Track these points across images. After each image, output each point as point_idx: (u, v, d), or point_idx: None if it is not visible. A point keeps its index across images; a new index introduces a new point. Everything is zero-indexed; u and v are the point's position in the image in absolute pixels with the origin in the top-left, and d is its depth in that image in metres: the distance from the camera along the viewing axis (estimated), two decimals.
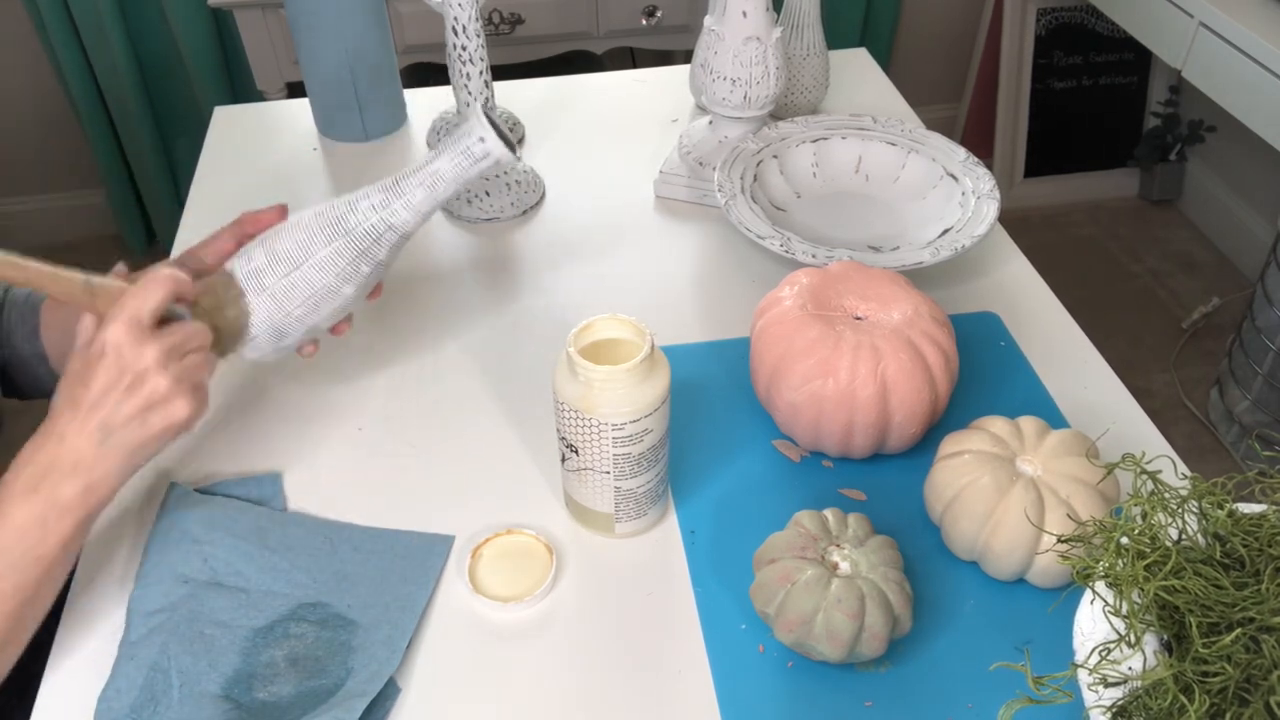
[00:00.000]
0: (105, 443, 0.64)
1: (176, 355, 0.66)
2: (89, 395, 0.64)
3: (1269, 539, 0.53)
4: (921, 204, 1.02)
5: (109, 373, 0.64)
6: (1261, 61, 1.56)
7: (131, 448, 0.65)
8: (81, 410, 0.64)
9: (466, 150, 0.72)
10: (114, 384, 0.64)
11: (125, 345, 0.64)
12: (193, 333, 0.68)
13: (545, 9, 1.86)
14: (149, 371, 0.65)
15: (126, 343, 0.64)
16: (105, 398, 0.64)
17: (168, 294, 0.67)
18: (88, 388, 0.64)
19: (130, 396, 0.64)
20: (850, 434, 0.76)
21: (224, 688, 0.66)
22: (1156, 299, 2.30)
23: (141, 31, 2.09)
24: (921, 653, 0.67)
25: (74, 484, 0.64)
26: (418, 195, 0.73)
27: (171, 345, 0.66)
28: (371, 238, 0.73)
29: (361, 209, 0.73)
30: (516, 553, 0.73)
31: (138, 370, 0.64)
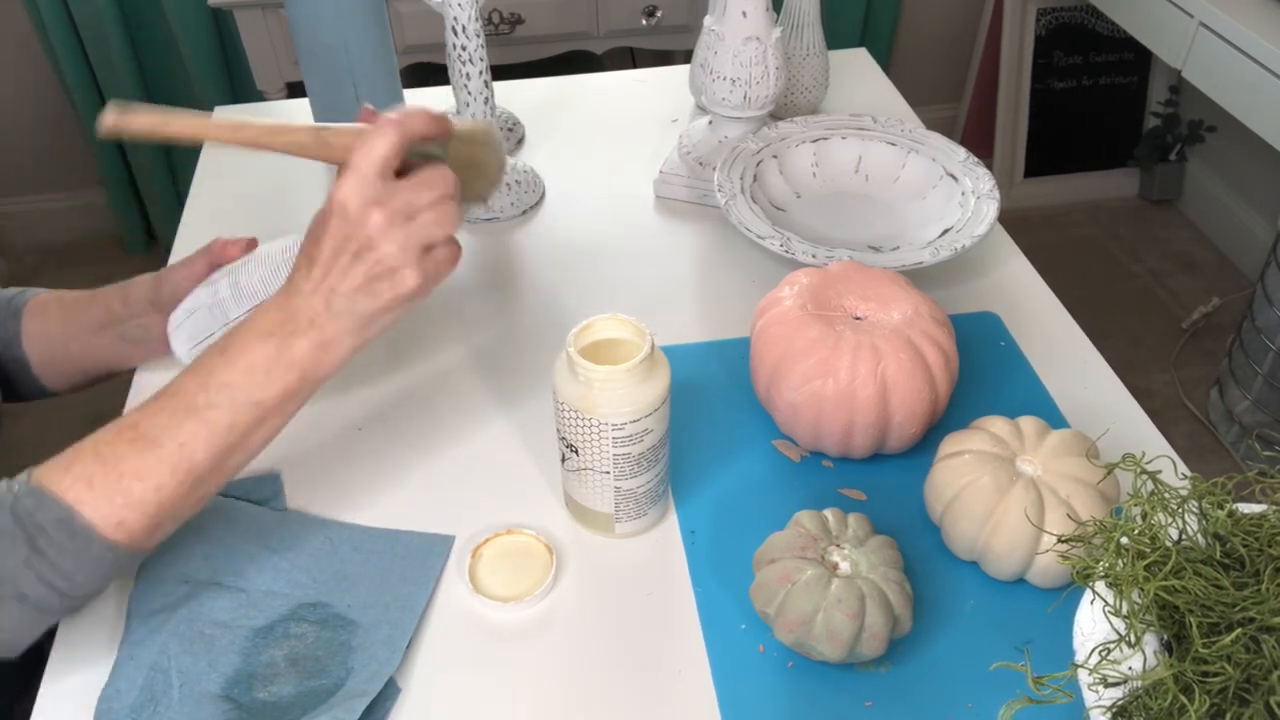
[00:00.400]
0: (334, 306, 0.62)
1: (405, 215, 0.62)
2: (320, 255, 0.62)
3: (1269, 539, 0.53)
4: (921, 204, 1.02)
5: (336, 234, 0.62)
6: (1261, 61, 1.56)
7: (361, 317, 0.63)
8: (314, 269, 0.62)
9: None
10: (341, 248, 0.62)
11: (351, 205, 0.61)
12: (430, 182, 0.63)
13: (545, 9, 1.86)
14: (374, 238, 0.61)
15: (353, 202, 0.61)
16: (335, 261, 0.62)
17: (396, 143, 0.61)
18: (319, 246, 0.62)
19: (356, 264, 0.62)
20: (850, 434, 0.76)
21: (224, 688, 0.66)
22: (1156, 299, 2.30)
23: (141, 31, 2.09)
24: (921, 653, 0.67)
25: (307, 339, 0.63)
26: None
27: (401, 204, 0.61)
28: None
29: None
30: (516, 553, 0.73)
31: (363, 236, 0.61)
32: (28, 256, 2.43)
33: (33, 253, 2.44)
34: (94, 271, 2.36)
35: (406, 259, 0.62)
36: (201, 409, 0.62)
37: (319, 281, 0.62)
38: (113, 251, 2.42)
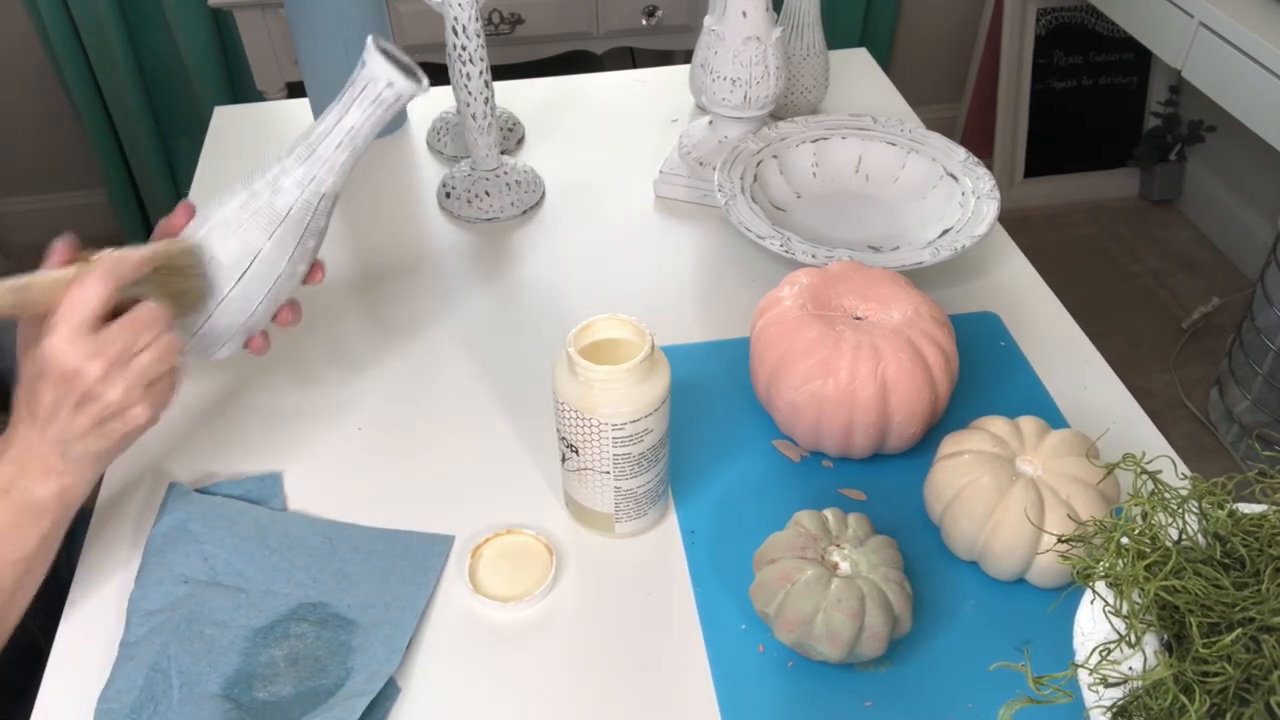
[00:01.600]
0: (69, 453, 0.63)
1: (124, 361, 0.62)
2: (42, 407, 0.62)
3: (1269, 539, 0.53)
4: (921, 204, 1.02)
5: (55, 389, 0.61)
6: (1261, 61, 1.56)
7: (96, 455, 0.64)
8: (38, 421, 0.62)
9: (377, 99, 0.69)
10: (62, 400, 0.62)
11: (67, 361, 0.61)
12: (143, 324, 0.63)
13: (545, 9, 1.86)
14: (96, 388, 0.61)
15: (68, 357, 0.61)
16: (56, 412, 0.62)
17: (107, 293, 0.62)
18: (39, 400, 0.62)
19: (81, 412, 0.62)
20: (850, 434, 0.76)
21: (224, 688, 0.66)
22: (1156, 299, 2.30)
23: (141, 31, 2.09)
24: (921, 653, 0.67)
25: (47, 485, 0.63)
26: (340, 157, 0.71)
27: (119, 351, 0.62)
28: (308, 213, 0.71)
29: (287, 189, 0.70)
30: (516, 553, 0.73)
31: (84, 388, 0.61)
32: (28, 257, 2.42)
33: (33, 253, 2.42)
34: None
35: (132, 398, 0.63)
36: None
37: (43, 431, 0.62)
38: None
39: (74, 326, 0.61)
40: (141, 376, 0.63)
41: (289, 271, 0.72)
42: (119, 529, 0.76)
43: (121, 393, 0.62)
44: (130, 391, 0.63)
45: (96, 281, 0.61)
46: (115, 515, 0.77)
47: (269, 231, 0.70)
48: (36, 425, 0.63)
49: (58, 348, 0.61)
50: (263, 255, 0.70)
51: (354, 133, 0.71)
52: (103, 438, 0.63)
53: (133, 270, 0.64)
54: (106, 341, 0.62)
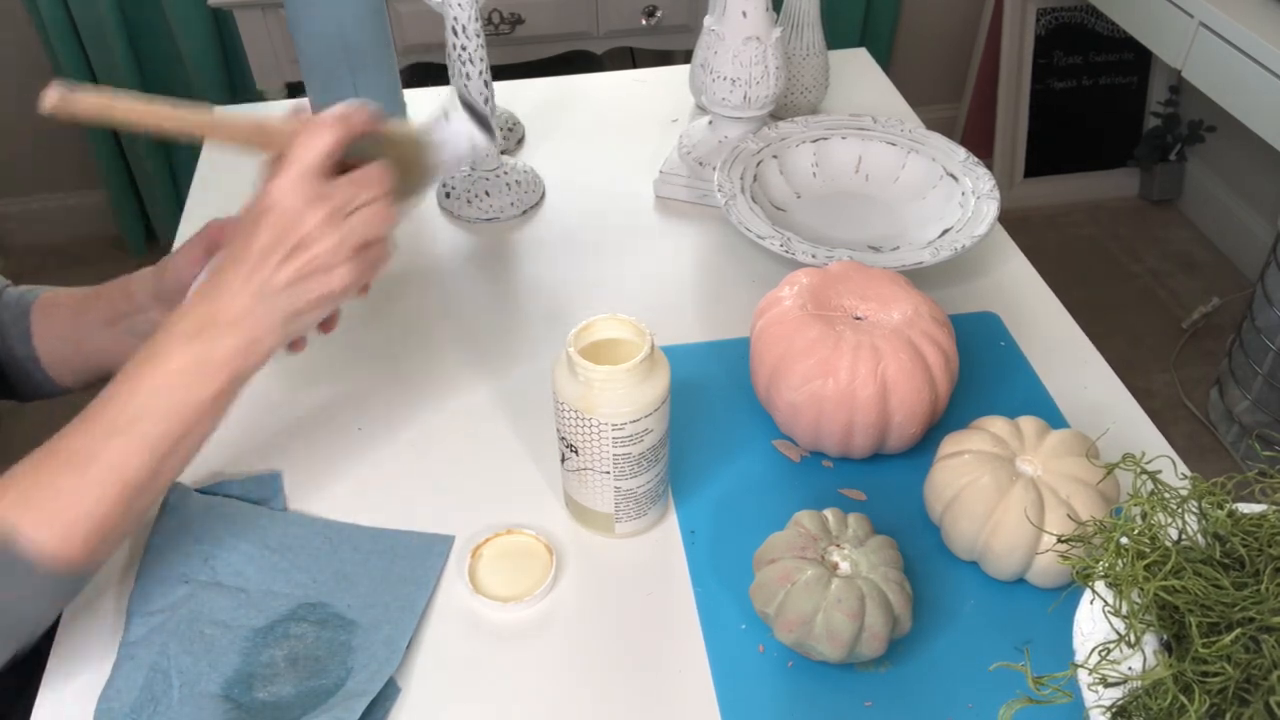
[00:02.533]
0: (263, 304, 0.62)
1: (343, 213, 0.62)
2: (251, 252, 0.62)
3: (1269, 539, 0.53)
4: (921, 204, 1.02)
5: (271, 231, 0.61)
6: (1261, 61, 1.56)
7: (289, 312, 0.63)
8: (244, 267, 0.62)
9: (455, 154, 0.72)
10: (275, 245, 0.61)
11: (289, 203, 0.61)
12: (369, 180, 0.63)
13: (545, 9, 1.86)
14: (311, 236, 0.61)
15: (291, 200, 0.61)
16: (266, 258, 0.61)
17: (338, 140, 0.62)
18: (252, 241, 0.62)
19: (290, 261, 0.61)
20: (850, 434, 0.76)
21: (224, 688, 0.66)
22: (1156, 299, 2.30)
23: (141, 31, 2.09)
24: (921, 653, 0.67)
25: (233, 338, 0.62)
26: None
27: (340, 202, 0.62)
28: None
29: None
30: (516, 553, 0.73)
31: (300, 234, 0.61)
32: (28, 257, 2.43)
33: (33, 253, 2.44)
34: (94, 272, 2.36)
35: (341, 255, 0.62)
36: (132, 422, 0.61)
37: (249, 277, 0.62)
38: (113, 251, 2.42)
39: (301, 169, 0.61)
40: (355, 234, 0.63)
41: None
42: None
43: (333, 246, 0.62)
44: (340, 248, 0.62)
45: (329, 126, 0.62)
46: None
47: None
48: (241, 270, 0.62)
49: (282, 188, 0.61)
50: None
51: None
52: (301, 292, 0.63)
53: (364, 122, 0.64)
54: (330, 190, 0.62)
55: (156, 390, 0.61)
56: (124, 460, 0.61)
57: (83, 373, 0.85)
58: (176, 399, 0.62)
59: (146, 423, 0.61)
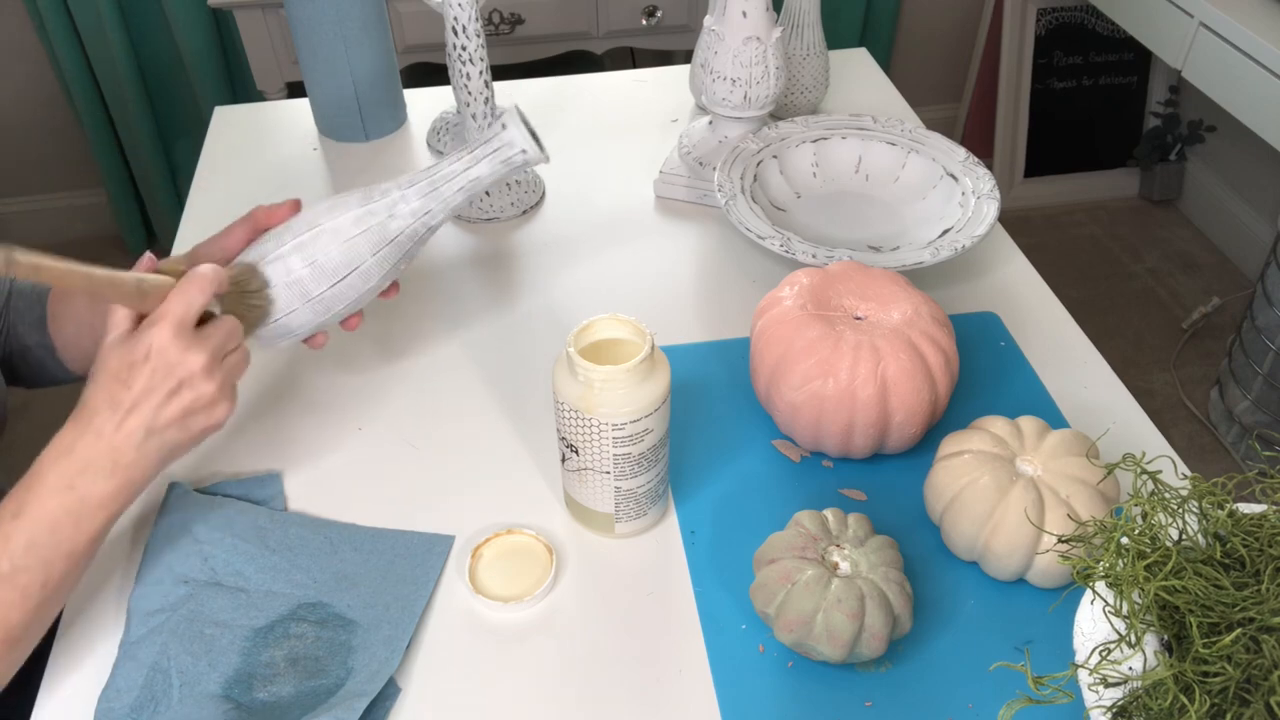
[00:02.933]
0: (145, 444, 0.65)
1: (219, 358, 0.67)
2: (130, 396, 0.64)
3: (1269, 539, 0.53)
4: (921, 204, 1.02)
5: (153, 376, 0.64)
6: (1261, 61, 1.56)
7: (169, 448, 0.66)
8: (121, 410, 0.64)
9: (508, 160, 0.74)
10: (157, 387, 0.64)
11: (171, 350, 0.64)
12: (231, 331, 0.68)
13: (545, 9, 1.86)
14: (195, 377, 0.65)
15: (173, 348, 0.64)
16: (146, 400, 0.64)
17: (209, 295, 0.67)
18: (129, 388, 0.64)
19: (173, 401, 0.65)
20: (850, 434, 0.75)
21: (224, 688, 0.66)
22: (1156, 299, 2.30)
23: (141, 32, 2.09)
24: (921, 653, 0.67)
25: (111, 482, 0.64)
26: (457, 199, 0.75)
27: (216, 348, 0.66)
28: (413, 240, 0.76)
29: (402, 215, 0.74)
30: (516, 553, 0.73)
31: (183, 376, 0.65)
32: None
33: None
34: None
35: (224, 393, 0.67)
36: (9, 575, 0.62)
37: (124, 420, 0.64)
38: (113, 251, 2.42)
39: (179, 320, 0.65)
40: (232, 374, 0.68)
41: (377, 285, 0.76)
42: (119, 529, 0.76)
43: (217, 386, 0.66)
44: (223, 386, 0.67)
45: (201, 286, 0.66)
46: None
47: (376, 249, 0.74)
48: (117, 415, 0.64)
49: (165, 338, 0.64)
50: (362, 269, 0.74)
51: (476, 182, 0.75)
52: (183, 429, 0.66)
53: (224, 285, 0.69)
54: (206, 338, 0.66)
55: (33, 543, 0.62)
56: (4, 613, 0.62)
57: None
58: (55, 548, 0.63)
59: (25, 575, 0.62)
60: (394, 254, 0.75)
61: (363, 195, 0.74)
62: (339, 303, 0.75)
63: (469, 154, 0.74)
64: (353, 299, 0.75)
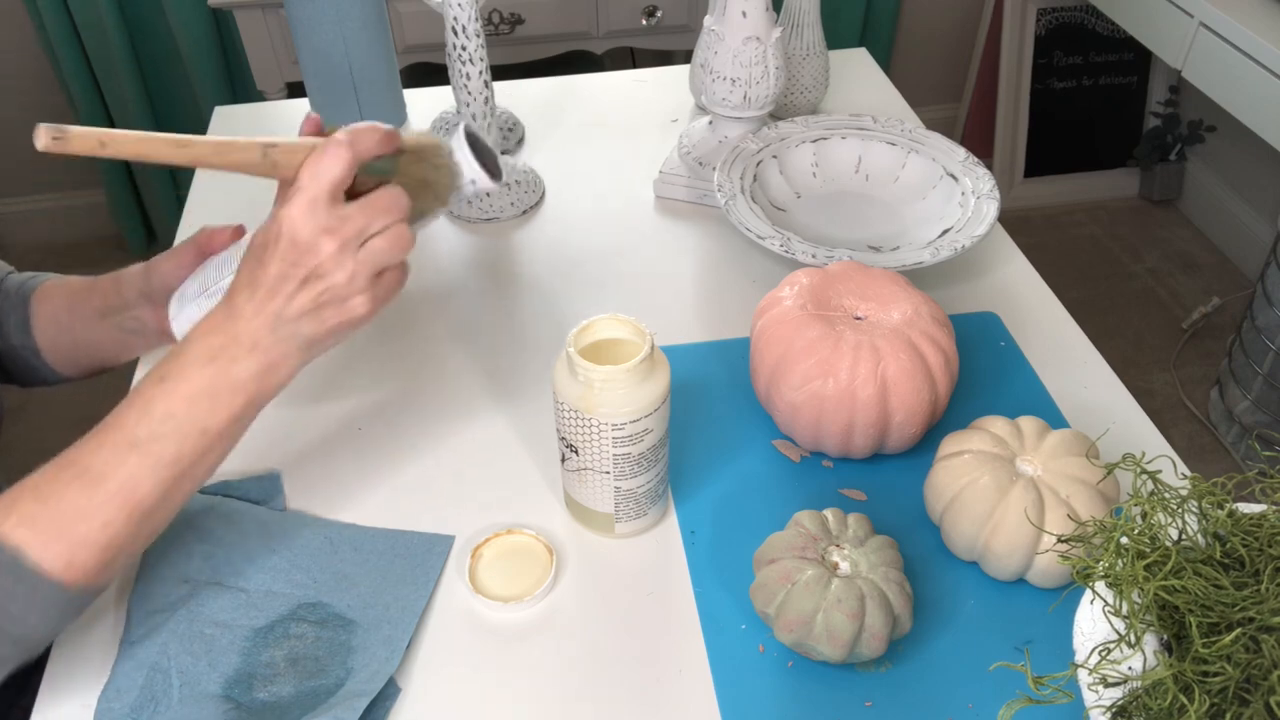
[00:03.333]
0: (278, 330, 0.61)
1: (357, 241, 0.60)
2: (266, 278, 0.60)
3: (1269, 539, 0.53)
4: (921, 204, 1.02)
5: (284, 259, 0.60)
6: (1261, 61, 1.56)
7: (306, 340, 0.62)
8: (259, 292, 0.60)
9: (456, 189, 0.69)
10: (289, 273, 0.60)
11: (301, 233, 0.59)
12: (384, 206, 0.61)
13: (545, 9, 1.86)
14: (324, 267, 0.60)
15: (302, 230, 0.59)
16: (280, 286, 0.60)
17: (348, 165, 0.60)
18: (265, 269, 0.60)
19: (304, 290, 0.60)
20: (850, 434, 0.76)
21: (224, 688, 0.66)
22: (1156, 299, 2.30)
23: (142, 31, 2.09)
24: (921, 653, 0.67)
25: (250, 363, 0.61)
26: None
27: (354, 232, 0.60)
28: None
29: None
30: (516, 553, 0.73)
31: (313, 264, 0.60)
32: (28, 256, 2.43)
33: (33, 253, 2.44)
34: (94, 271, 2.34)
35: (357, 286, 0.61)
36: (145, 441, 0.60)
37: (262, 305, 0.61)
38: (113, 251, 2.42)
39: (312, 197, 0.59)
40: (371, 263, 0.61)
41: None
42: None
43: (348, 276, 0.60)
44: (356, 277, 0.61)
45: (338, 152, 0.60)
46: None
47: None
48: (255, 297, 0.61)
49: (293, 217, 0.59)
50: None
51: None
52: (317, 322, 0.61)
53: (377, 144, 0.62)
54: (343, 219, 0.60)
55: (171, 413, 0.60)
56: (135, 481, 0.60)
57: (80, 363, 0.85)
58: (191, 422, 0.61)
59: (159, 444, 0.60)
60: None
61: None
62: None
63: None
64: None
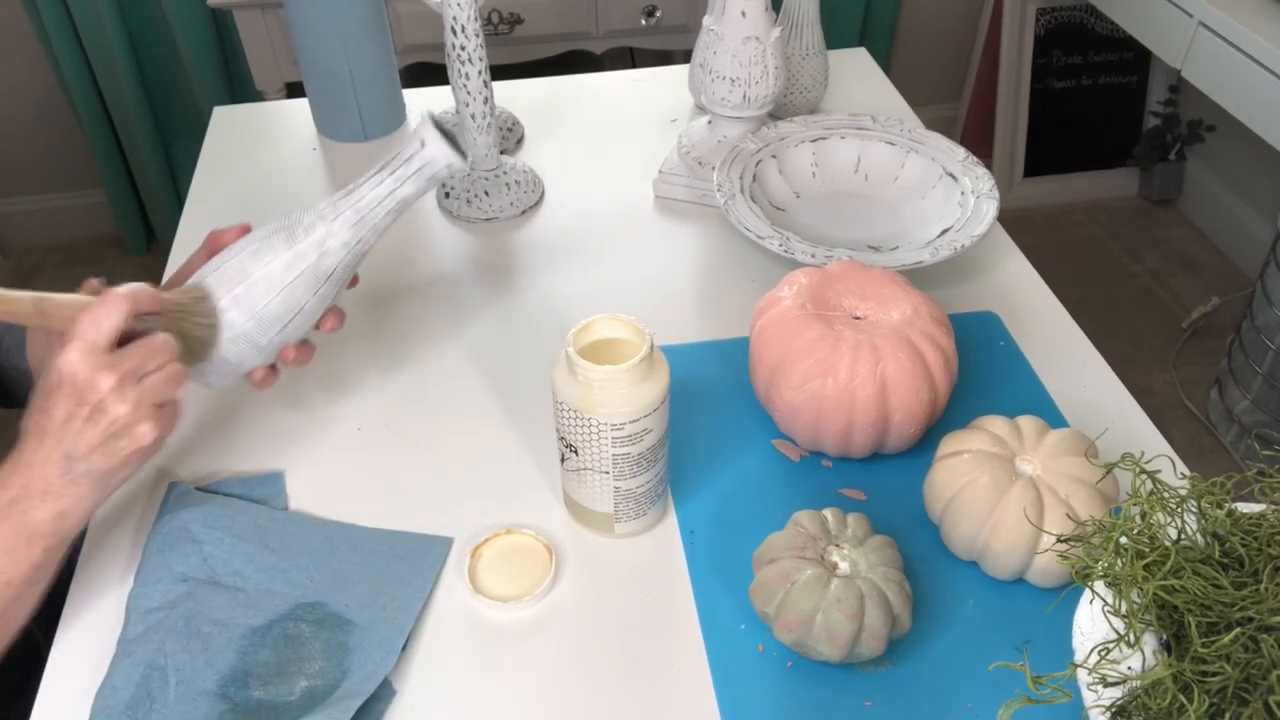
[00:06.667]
0: (71, 471, 0.63)
1: (134, 378, 0.64)
2: (51, 424, 0.63)
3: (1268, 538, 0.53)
4: (921, 204, 1.02)
5: (67, 402, 0.63)
6: (1261, 61, 1.56)
7: (99, 475, 0.64)
8: (46, 440, 0.63)
9: (433, 176, 0.73)
10: (73, 413, 0.63)
11: (80, 373, 0.62)
12: (155, 349, 0.65)
13: (545, 9, 1.86)
14: (106, 400, 0.63)
15: (81, 370, 0.62)
16: (66, 427, 0.63)
17: (124, 314, 0.64)
18: (50, 416, 0.63)
19: (91, 426, 0.63)
20: (850, 434, 0.75)
21: (220, 686, 0.66)
22: (1156, 299, 2.30)
23: (141, 31, 2.09)
24: (921, 653, 0.67)
25: (45, 510, 0.63)
26: (386, 223, 0.74)
27: (129, 369, 0.64)
28: (349, 269, 0.75)
29: (334, 250, 0.72)
30: (516, 553, 0.73)
31: (94, 400, 0.62)
32: (28, 256, 2.43)
33: (33, 253, 2.44)
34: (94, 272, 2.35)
35: (141, 414, 0.64)
36: None
37: (51, 450, 0.63)
38: (113, 251, 2.42)
39: (89, 342, 0.63)
40: (151, 395, 0.65)
41: (317, 316, 0.75)
42: (119, 528, 0.76)
43: (131, 407, 0.63)
44: (139, 408, 0.64)
45: (114, 303, 0.64)
46: (116, 514, 0.77)
47: (314, 289, 0.73)
48: (44, 444, 0.63)
49: (72, 361, 0.62)
50: (305, 310, 0.74)
51: (404, 203, 0.74)
52: (108, 455, 0.64)
53: (148, 302, 0.66)
54: (119, 358, 0.63)
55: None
56: None
57: None
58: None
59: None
60: (332, 289, 0.74)
61: (286, 235, 0.72)
62: (288, 340, 0.74)
63: (390, 175, 0.73)
64: (299, 335, 0.75)
